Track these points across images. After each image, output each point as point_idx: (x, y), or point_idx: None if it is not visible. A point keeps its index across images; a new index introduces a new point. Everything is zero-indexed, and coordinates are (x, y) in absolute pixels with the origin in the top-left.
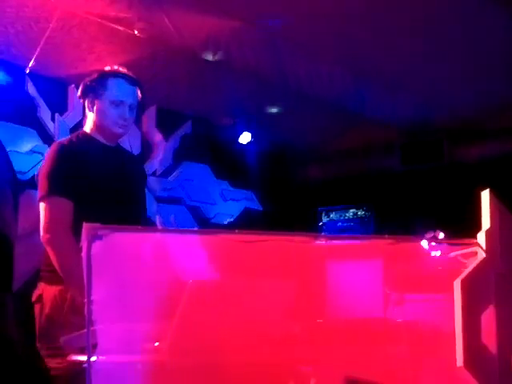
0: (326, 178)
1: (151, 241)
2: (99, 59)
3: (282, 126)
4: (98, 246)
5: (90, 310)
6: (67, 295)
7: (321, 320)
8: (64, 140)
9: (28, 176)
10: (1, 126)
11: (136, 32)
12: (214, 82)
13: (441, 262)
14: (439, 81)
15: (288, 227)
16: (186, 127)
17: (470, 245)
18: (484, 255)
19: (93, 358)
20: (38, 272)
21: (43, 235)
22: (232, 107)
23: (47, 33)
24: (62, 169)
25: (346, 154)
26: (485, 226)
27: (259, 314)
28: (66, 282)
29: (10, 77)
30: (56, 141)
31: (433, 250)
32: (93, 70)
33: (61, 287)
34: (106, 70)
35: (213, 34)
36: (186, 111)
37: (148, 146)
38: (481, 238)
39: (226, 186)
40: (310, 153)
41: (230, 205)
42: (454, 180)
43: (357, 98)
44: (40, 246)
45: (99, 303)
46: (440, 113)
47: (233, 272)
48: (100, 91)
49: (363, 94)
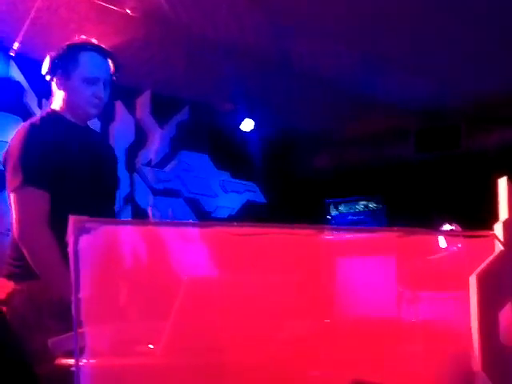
0: (334, 167)
1: (143, 234)
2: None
3: (287, 112)
4: (85, 240)
5: (78, 310)
6: (44, 296)
7: (328, 320)
8: (33, 121)
9: None
10: None
11: (128, 11)
12: (213, 64)
13: (457, 256)
14: (456, 62)
15: (294, 221)
16: (183, 113)
17: (486, 237)
18: (502, 248)
19: (82, 361)
20: None
21: (16, 231)
22: (233, 91)
23: (33, 13)
24: (35, 155)
25: (355, 142)
26: (502, 216)
27: (261, 313)
28: (45, 281)
29: None
30: (24, 123)
31: (448, 244)
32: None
33: (34, 285)
34: (75, 42)
35: (211, 12)
36: (183, 96)
37: (142, 133)
38: (498, 229)
39: (227, 177)
40: (316, 140)
41: (232, 197)
42: (472, 169)
43: (368, 80)
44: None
45: (87, 302)
46: (457, 97)
47: (232, 268)
48: (70, 67)
49: (375, 76)
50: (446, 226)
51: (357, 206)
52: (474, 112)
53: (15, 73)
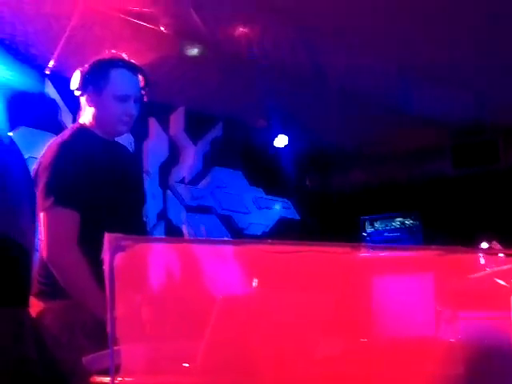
0: (369, 183)
1: (177, 252)
2: None
3: (321, 128)
4: (120, 257)
5: (114, 328)
6: (76, 314)
7: (365, 339)
8: (65, 137)
9: None
10: (19, 131)
11: (162, 28)
12: (246, 80)
13: (497, 275)
14: (494, 76)
15: (328, 238)
16: (217, 130)
17: None
18: None
19: (117, 379)
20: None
21: (45, 252)
22: (266, 107)
23: (67, 31)
24: (67, 174)
25: (391, 158)
26: None
27: (296, 331)
28: (76, 301)
29: (29, 79)
30: (55, 138)
31: (488, 263)
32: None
33: (66, 303)
34: (105, 58)
35: (245, 29)
36: (217, 113)
37: (176, 150)
38: None
39: (261, 193)
40: (351, 156)
41: (265, 214)
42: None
43: (403, 95)
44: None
45: (123, 320)
46: (495, 110)
47: (266, 286)
48: (101, 84)
49: (410, 90)
50: (484, 244)
51: (393, 223)
52: None
53: (50, 91)
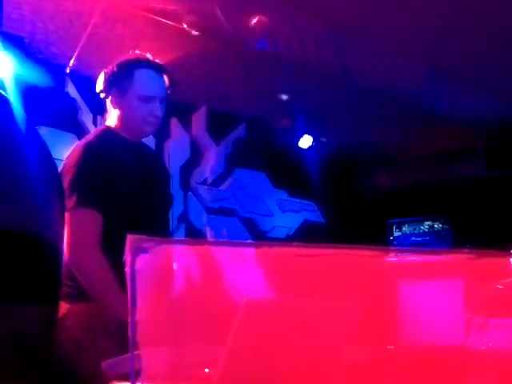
0: (397, 186)
1: (201, 254)
2: None
3: (348, 129)
4: (142, 259)
5: (135, 332)
6: (99, 317)
7: (392, 347)
8: (90, 139)
9: None
10: (39, 130)
11: (185, 26)
12: (270, 79)
13: None
14: None
15: (354, 242)
16: (240, 130)
17: None
18: None
19: None
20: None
21: (68, 255)
22: (291, 107)
23: (89, 29)
24: (91, 176)
25: (420, 159)
26: None
27: (322, 338)
28: (99, 303)
29: (49, 77)
30: (80, 140)
31: None
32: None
33: (89, 306)
34: (129, 58)
35: (270, 26)
36: (240, 112)
37: (197, 151)
38: None
39: (285, 195)
40: (379, 158)
41: (289, 217)
42: None
43: (433, 95)
44: None
45: (144, 324)
46: None
47: (291, 290)
48: (125, 85)
49: (439, 90)
50: None
51: (421, 227)
52: None
53: (71, 90)
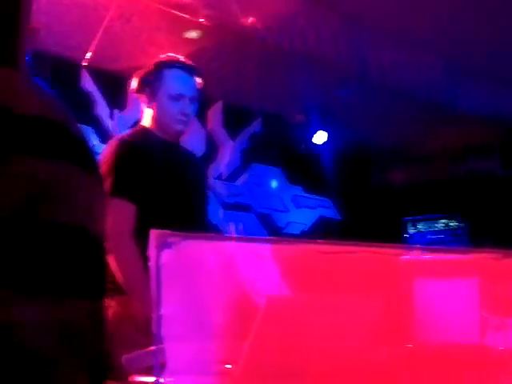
0: (412, 183)
1: (224, 250)
2: (161, 51)
3: (363, 125)
4: (167, 254)
5: (159, 326)
6: (129, 310)
7: (410, 345)
8: (125, 135)
9: None
10: None
11: (201, 19)
12: (287, 74)
13: None
14: None
15: (368, 239)
16: (256, 125)
17: None
18: None
19: (161, 379)
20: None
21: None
22: (306, 103)
23: (105, 22)
24: (124, 168)
25: (435, 156)
26: None
27: (342, 335)
28: (129, 294)
29: (65, 71)
30: (115, 136)
31: None
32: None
33: (121, 300)
34: (161, 60)
35: (286, 21)
36: (256, 107)
37: (213, 145)
38: None
39: (300, 191)
40: (395, 154)
41: (304, 213)
42: None
43: (449, 91)
44: None
45: (168, 318)
46: None
47: (311, 287)
48: (156, 85)
49: (456, 87)
50: None
51: (436, 225)
52: None
53: (87, 83)
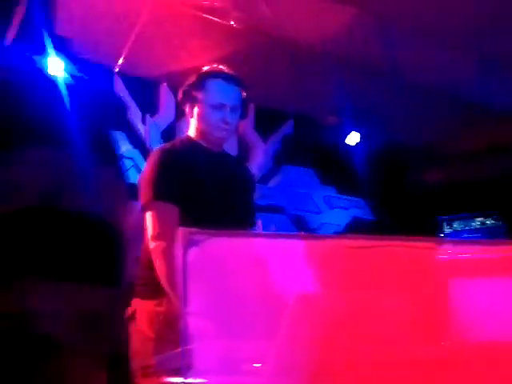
0: (447, 182)
1: (252, 247)
2: (193, 55)
3: (396, 124)
4: (194, 252)
5: (187, 326)
6: (161, 309)
7: (446, 343)
8: (167, 145)
9: None
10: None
11: (232, 23)
12: (318, 76)
13: None
14: None
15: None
16: (288, 127)
17: None
18: None
19: (189, 379)
20: (130, 287)
21: (153, 243)
22: (338, 104)
23: (137, 28)
24: (165, 174)
25: (470, 155)
26: None
27: (375, 333)
28: (169, 293)
29: (98, 77)
30: (156, 147)
31: None
32: (190, 69)
33: (155, 301)
34: (203, 70)
35: (317, 22)
36: (288, 109)
37: (245, 148)
38: None
39: (333, 192)
40: (428, 154)
41: (337, 213)
42: None
43: (484, 88)
44: (132, 259)
45: (195, 317)
46: None
47: (343, 284)
48: (199, 95)
49: (491, 83)
50: None
51: (472, 223)
52: None
53: (120, 89)
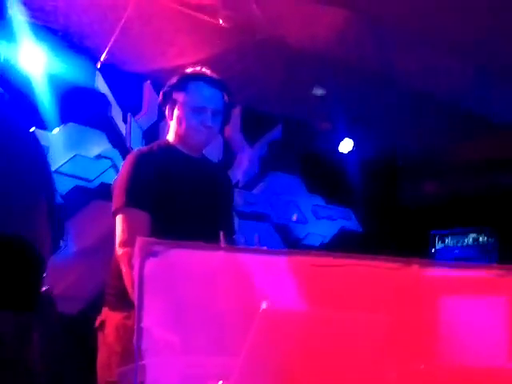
0: (441, 195)
1: (214, 260)
2: (180, 53)
3: (391, 133)
4: (151, 263)
5: (140, 340)
6: (130, 322)
7: (423, 366)
8: (144, 149)
9: (95, 184)
10: (68, 127)
11: (221, 21)
12: (310, 79)
13: None
14: None
15: (393, 253)
16: (276, 132)
17: None
18: None
19: None
20: (102, 295)
21: (120, 249)
22: (331, 109)
23: (122, 22)
24: (139, 180)
25: (466, 167)
26: None
27: (345, 353)
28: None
29: (81, 72)
30: (134, 149)
31: None
32: (175, 68)
33: (124, 314)
34: (185, 72)
35: (309, 24)
36: (276, 113)
37: (231, 152)
38: None
39: (320, 201)
40: (423, 165)
41: (324, 224)
42: None
43: (482, 98)
44: (105, 265)
45: (152, 331)
46: None
47: (313, 301)
48: (179, 97)
49: (490, 93)
50: None
51: (465, 240)
52: None
53: (101, 85)
